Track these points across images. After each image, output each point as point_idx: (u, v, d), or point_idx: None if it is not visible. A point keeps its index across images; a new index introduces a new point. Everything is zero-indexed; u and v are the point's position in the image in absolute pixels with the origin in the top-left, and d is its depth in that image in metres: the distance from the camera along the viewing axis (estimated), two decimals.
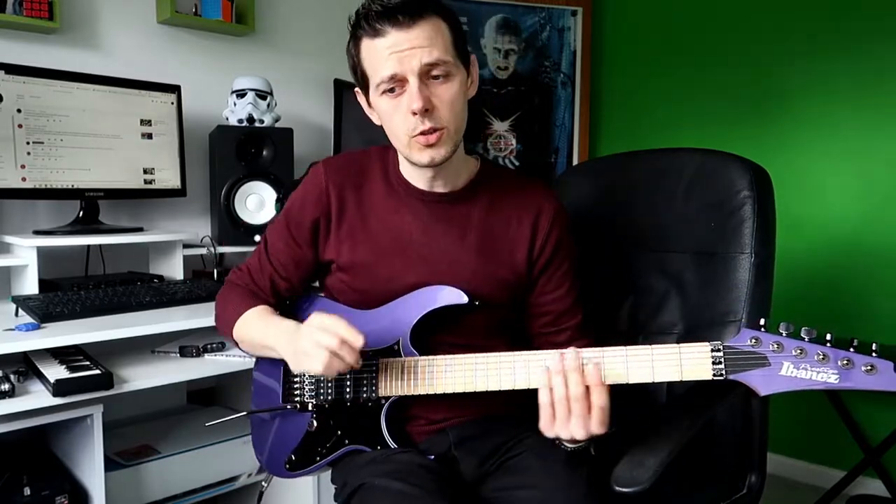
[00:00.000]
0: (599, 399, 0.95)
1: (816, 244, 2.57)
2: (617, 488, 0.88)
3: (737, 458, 1.27)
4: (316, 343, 0.97)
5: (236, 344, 1.21)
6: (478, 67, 1.13)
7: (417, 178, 1.14)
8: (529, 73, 3.03)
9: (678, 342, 1.33)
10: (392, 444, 1.10)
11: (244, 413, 1.23)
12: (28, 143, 1.75)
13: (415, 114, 1.01)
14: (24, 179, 1.74)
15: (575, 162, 3.11)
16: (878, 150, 2.43)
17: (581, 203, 1.50)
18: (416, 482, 1.01)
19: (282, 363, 1.15)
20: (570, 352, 0.98)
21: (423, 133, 1.03)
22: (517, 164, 3.03)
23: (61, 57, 1.97)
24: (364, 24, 1.02)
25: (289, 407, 1.15)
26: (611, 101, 3.23)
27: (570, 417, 0.95)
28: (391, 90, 1.02)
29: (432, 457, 1.11)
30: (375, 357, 1.08)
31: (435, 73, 1.02)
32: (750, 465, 1.27)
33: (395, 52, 0.99)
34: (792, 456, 2.65)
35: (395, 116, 1.04)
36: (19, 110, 1.73)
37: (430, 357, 1.06)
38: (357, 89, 1.12)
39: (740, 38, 2.75)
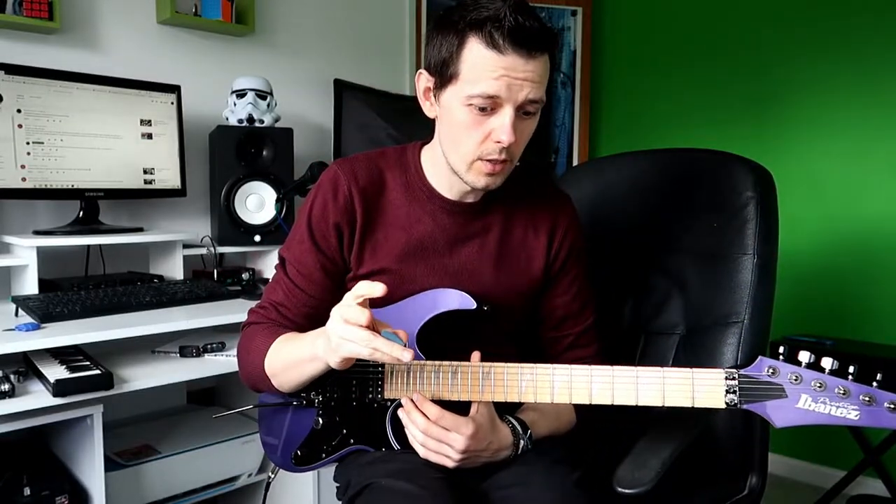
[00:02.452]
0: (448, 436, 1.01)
1: (816, 244, 2.57)
2: (619, 489, 0.87)
3: (738, 458, 1.26)
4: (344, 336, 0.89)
5: (271, 387, 1.10)
6: None
7: (448, 188, 1.11)
8: None
9: (680, 342, 1.35)
10: (396, 446, 1.09)
11: (252, 406, 1.22)
12: (28, 143, 1.75)
13: (498, 143, 0.99)
14: (24, 179, 1.74)
15: (575, 162, 3.11)
16: (878, 149, 2.43)
17: (582, 203, 1.49)
18: (422, 483, 1.01)
19: None
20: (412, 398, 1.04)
21: (493, 161, 1.01)
22: (517, 164, 3.02)
23: (61, 57, 1.96)
24: (486, 28, 0.94)
25: (294, 403, 1.14)
26: (611, 101, 3.23)
27: (440, 447, 1.02)
28: (482, 108, 0.97)
29: None
30: None
31: (529, 109, 0.99)
32: (751, 465, 1.26)
33: (507, 76, 0.95)
34: (792, 456, 2.65)
35: (473, 133, 1.00)
36: (19, 110, 1.73)
37: (437, 362, 1.05)
38: (425, 72, 1.05)
39: (741, 38, 2.75)
